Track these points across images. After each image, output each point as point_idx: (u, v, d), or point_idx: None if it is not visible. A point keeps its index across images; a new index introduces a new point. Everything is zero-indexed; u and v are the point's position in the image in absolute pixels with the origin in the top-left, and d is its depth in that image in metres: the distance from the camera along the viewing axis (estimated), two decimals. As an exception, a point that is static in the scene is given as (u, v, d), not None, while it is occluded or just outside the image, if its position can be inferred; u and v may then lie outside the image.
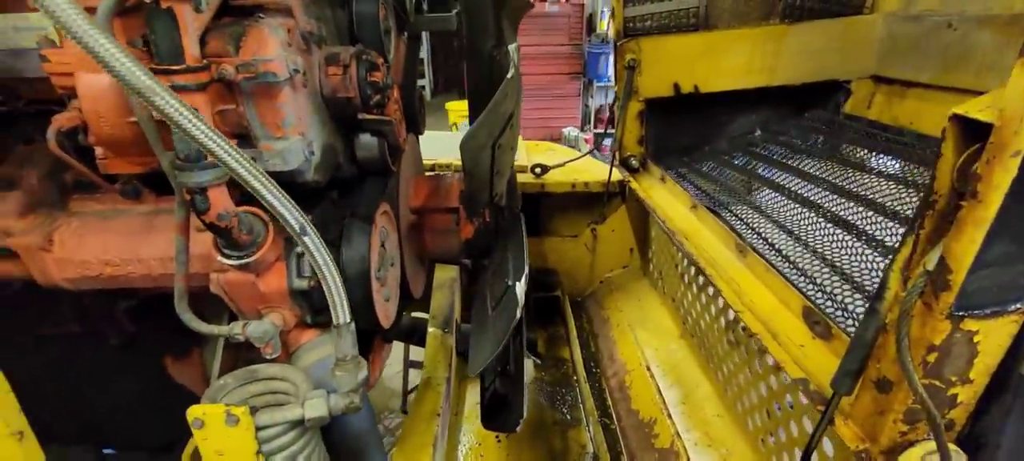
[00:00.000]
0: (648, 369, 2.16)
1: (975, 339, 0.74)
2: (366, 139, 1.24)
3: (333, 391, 1.07)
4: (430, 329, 2.08)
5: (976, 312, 0.71)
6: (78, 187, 1.14)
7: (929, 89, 2.01)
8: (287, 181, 1.04)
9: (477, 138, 1.10)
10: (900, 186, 1.66)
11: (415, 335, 2.19)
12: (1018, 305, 0.72)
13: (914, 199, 1.59)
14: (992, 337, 0.73)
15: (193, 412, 0.89)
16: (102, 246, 1.07)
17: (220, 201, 0.89)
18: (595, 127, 8.24)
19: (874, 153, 1.93)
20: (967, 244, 0.65)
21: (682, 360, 2.12)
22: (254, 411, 1.04)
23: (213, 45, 0.85)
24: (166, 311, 1.15)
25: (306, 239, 0.86)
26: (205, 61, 0.82)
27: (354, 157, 1.27)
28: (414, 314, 2.26)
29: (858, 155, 1.97)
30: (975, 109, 0.63)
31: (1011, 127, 0.58)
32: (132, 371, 1.56)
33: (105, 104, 0.87)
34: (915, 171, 1.71)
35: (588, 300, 2.90)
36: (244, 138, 0.97)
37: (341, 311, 0.97)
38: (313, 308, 1.17)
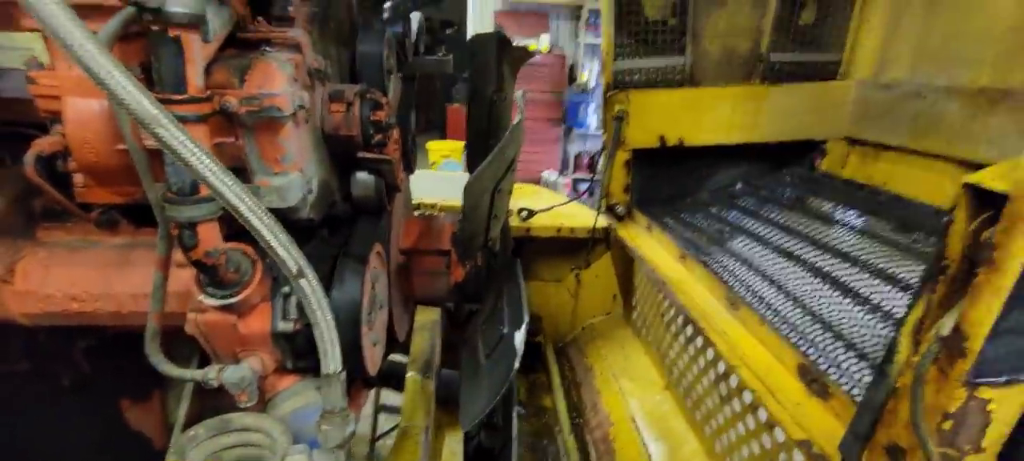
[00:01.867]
0: (633, 421, 2.11)
1: (989, 407, 0.73)
2: (363, 177, 1.21)
3: (315, 446, 0.99)
4: (409, 373, 1.99)
5: (991, 380, 0.71)
6: (47, 215, 1.06)
7: (901, 152, 2.11)
8: (280, 218, 0.99)
9: (481, 181, 1.08)
10: (881, 244, 1.71)
11: (392, 379, 2.09)
12: (1029, 373, 0.72)
13: (896, 257, 1.63)
14: (1005, 406, 0.73)
15: (162, 470, 0.80)
16: (70, 279, 0.99)
17: (210, 237, 0.84)
18: (574, 172, 8.39)
19: (850, 210, 2.00)
20: (985, 312, 0.66)
21: (668, 413, 2.08)
22: (227, 467, 0.95)
23: (217, 76, 0.81)
24: (125, 351, 1.06)
25: (302, 282, 0.80)
26: (208, 92, 0.78)
27: (348, 195, 1.23)
28: (391, 357, 2.17)
29: (837, 212, 2.04)
30: (990, 178, 0.64)
31: (1028, 199, 0.60)
32: (84, 415, 1.43)
33: (93, 131, 0.82)
34: (894, 230, 1.77)
35: (570, 346, 2.85)
36: (239, 172, 0.92)
37: (332, 359, 0.90)
38: (295, 352, 1.10)
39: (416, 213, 1.98)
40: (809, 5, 2.17)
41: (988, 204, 0.66)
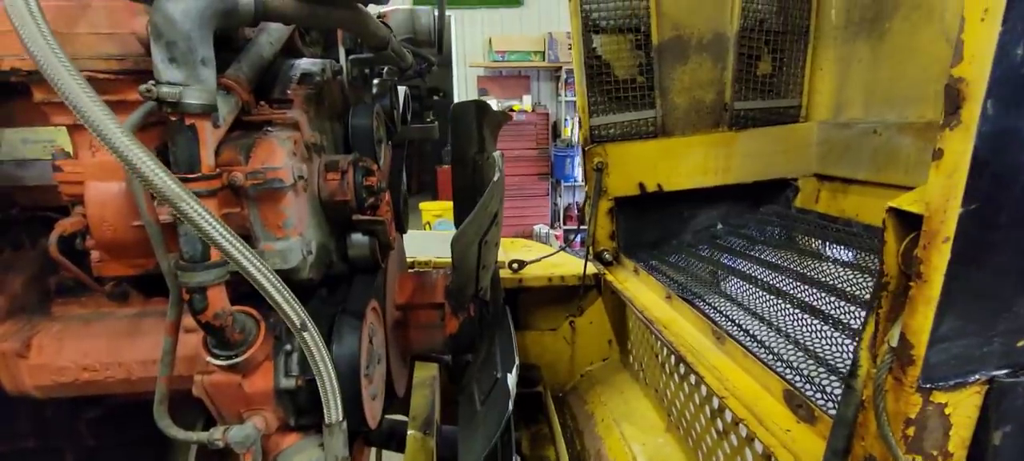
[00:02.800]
0: (636, 467, 2.10)
1: (946, 411, 0.79)
2: (358, 238, 1.29)
3: (319, 500, 1.02)
4: (410, 431, 2.00)
5: (941, 384, 0.77)
6: (61, 291, 1.13)
7: (866, 185, 2.23)
8: (283, 279, 1.06)
9: (467, 235, 1.16)
10: (856, 272, 1.79)
11: (394, 440, 2.09)
12: (977, 376, 0.78)
13: (870, 283, 1.71)
14: (961, 409, 0.79)
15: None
16: (83, 350, 1.04)
17: (218, 300, 0.90)
18: (565, 223, 8.55)
19: (827, 242, 2.09)
20: (922, 320, 0.73)
21: (671, 456, 2.08)
22: (233, 527, 0.98)
23: (226, 155, 0.91)
24: (128, 423, 1.09)
25: (306, 335, 0.87)
26: (217, 169, 0.87)
27: (345, 255, 1.31)
28: (391, 416, 2.17)
29: (813, 244, 2.13)
30: (907, 202, 0.73)
31: (938, 217, 0.69)
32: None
33: (112, 210, 0.91)
34: (867, 258, 1.86)
35: (570, 395, 2.85)
36: (245, 239, 1.00)
37: (334, 409, 0.95)
38: (297, 409, 1.14)
39: (410, 270, 2.05)
40: (764, 58, 2.36)
41: (911, 225, 0.75)
